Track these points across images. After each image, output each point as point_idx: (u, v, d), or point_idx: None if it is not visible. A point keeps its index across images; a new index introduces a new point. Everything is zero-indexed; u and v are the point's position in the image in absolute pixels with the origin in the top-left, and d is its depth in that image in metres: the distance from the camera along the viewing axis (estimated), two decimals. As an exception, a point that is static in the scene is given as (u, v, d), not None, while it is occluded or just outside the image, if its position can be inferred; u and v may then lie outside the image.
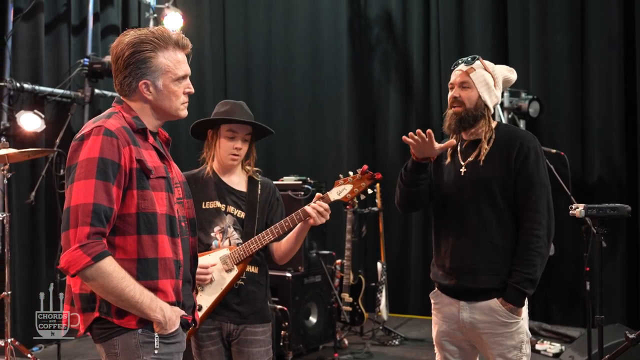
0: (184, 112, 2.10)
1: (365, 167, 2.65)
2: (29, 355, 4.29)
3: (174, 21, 6.42)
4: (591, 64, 5.71)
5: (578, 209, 2.51)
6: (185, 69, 2.07)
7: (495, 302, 2.51)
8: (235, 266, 2.73)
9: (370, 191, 2.66)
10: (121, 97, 2.09)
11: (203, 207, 2.81)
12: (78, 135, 1.95)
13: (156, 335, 1.94)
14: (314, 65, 7.33)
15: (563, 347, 4.98)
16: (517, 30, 6.11)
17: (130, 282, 1.87)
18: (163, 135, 2.18)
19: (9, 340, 4.14)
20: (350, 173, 2.69)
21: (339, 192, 2.64)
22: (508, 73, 2.72)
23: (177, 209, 2.07)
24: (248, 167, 2.90)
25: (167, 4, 6.43)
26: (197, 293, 2.29)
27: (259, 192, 2.87)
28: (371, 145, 7.06)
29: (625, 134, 5.53)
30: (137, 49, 1.98)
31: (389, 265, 5.92)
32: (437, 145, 2.56)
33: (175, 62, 2.03)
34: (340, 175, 2.70)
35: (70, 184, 1.88)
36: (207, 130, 2.87)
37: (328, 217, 2.63)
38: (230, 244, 2.79)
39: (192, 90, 2.11)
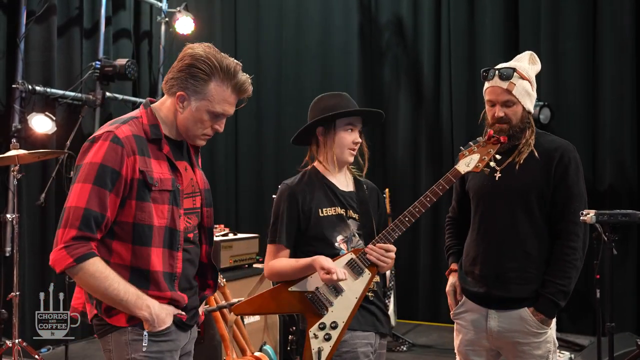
0: (201, 143, 2.11)
1: (490, 132, 2.43)
2: (36, 357, 4.28)
3: (185, 25, 6.45)
4: (602, 70, 5.68)
5: (589, 215, 2.48)
6: (225, 109, 2.03)
7: (525, 312, 2.47)
8: (366, 269, 2.43)
9: (498, 157, 2.43)
10: (149, 100, 2.10)
11: (321, 214, 2.51)
12: (91, 136, 1.98)
13: (145, 332, 1.96)
14: (325, 70, 7.32)
15: (572, 356, 4.93)
16: (528, 36, 6.09)
17: (115, 280, 1.90)
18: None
19: (17, 341, 4.15)
20: (471, 143, 2.48)
21: (467, 163, 2.42)
22: (537, 67, 2.68)
23: (182, 221, 2.04)
24: (353, 167, 2.68)
25: (178, 8, 6.47)
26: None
27: (367, 192, 2.64)
28: (381, 151, 7.04)
29: (637, 140, 5.50)
30: (197, 63, 1.97)
31: (397, 271, 5.89)
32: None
33: (220, 98, 2.00)
34: (462, 148, 2.48)
35: (72, 184, 1.94)
36: (314, 129, 2.59)
37: (393, 258, 2.43)
38: None
39: (222, 130, 2.08)
